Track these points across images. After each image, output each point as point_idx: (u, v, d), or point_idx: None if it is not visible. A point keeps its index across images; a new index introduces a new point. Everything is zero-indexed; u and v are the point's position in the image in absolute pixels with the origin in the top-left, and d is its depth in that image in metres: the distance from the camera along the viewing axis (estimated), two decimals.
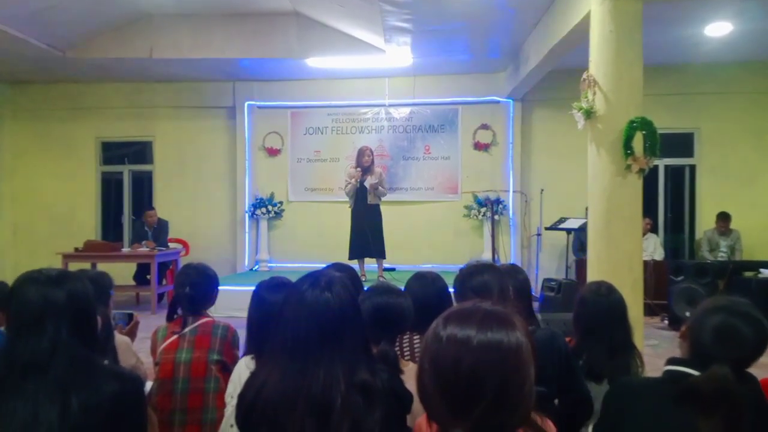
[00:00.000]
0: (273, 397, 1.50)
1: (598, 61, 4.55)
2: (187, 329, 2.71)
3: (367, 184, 7.30)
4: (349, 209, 7.57)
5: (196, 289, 2.77)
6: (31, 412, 1.43)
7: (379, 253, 7.47)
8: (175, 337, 2.70)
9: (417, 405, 1.27)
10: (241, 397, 1.61)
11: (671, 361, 1.76)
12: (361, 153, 7.50)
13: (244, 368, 2.16)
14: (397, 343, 2.22)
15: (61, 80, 9.74)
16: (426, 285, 2.63)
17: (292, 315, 1.55)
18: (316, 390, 1.47)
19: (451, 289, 2.56)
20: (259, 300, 2.22)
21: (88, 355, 1.55)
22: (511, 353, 1.07)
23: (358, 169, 7.36)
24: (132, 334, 3.02)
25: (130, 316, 3.12)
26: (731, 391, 1.50)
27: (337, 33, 8.11)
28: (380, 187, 7.39)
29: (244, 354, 2.29)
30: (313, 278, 1.61)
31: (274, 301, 2.14)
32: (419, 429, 1.57)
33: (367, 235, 7.25)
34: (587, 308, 2.59)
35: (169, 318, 2.82)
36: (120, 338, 2.71)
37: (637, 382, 1.87)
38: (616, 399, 1.76)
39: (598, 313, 2.54)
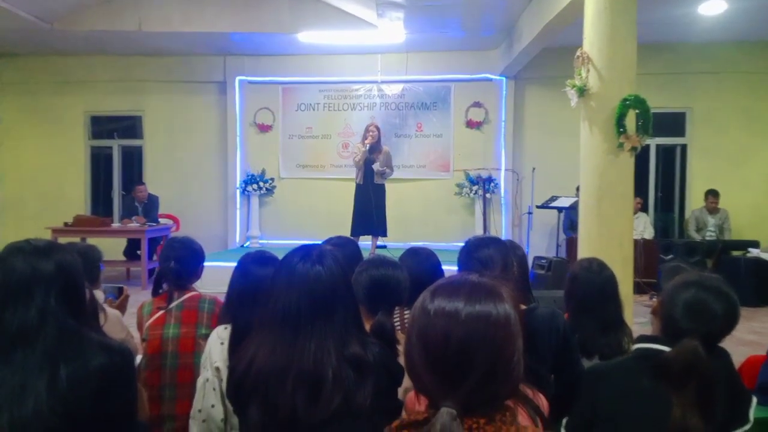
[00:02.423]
0: (263, 369, 1.49)
1: (592, 39, 4.52)
2: (173, 304, 2.67)
3: (375, 168, 7.24)
4: (355, 184, 7.49)
5: (181, 263, 2.71)
6: (19, 382, 1.41)
7: (382, 231, 7.47)
8: (161, 312, 2.66)
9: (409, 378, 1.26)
10: (232, 370, 1.61)
11: (641, 338, 1.78)
12: (365, 130, 7.38)
13: (215, 339, 2.15)
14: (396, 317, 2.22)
15: (49, 53, 9.59)
16: (420, 261, 2.63)
17: (283, 287, 1.54)
18: (306, 363, 1.47)
19: (446, 267, 2.57)
20: (243, 271, 2.20)
21: (77, 326, 1.53)
22: (500, 325, 1.06)
23: (365, 144, 7.27)
24: (122, 307, 3.00)
25: (120, 290, 3.10)
26: (701, 364, 1.54)
27: (329, 7, 8.01)
28: (386, 170, 7.34)
29: (218, 323, 2.28)
30: (304, 251, 1.60)
31: (258, 274, 2.13)
32: (411, 402, 1.57)
33: (369, 213, 7.25)
34: (579, 285, 2.59)
35: (155, 293, 2.77)
36: (110, 311, 2.68)
37: (606, 365, 1.89)
38: (587, 386, 1.77)
39: (590, 289, 2.54)
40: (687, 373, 1.54)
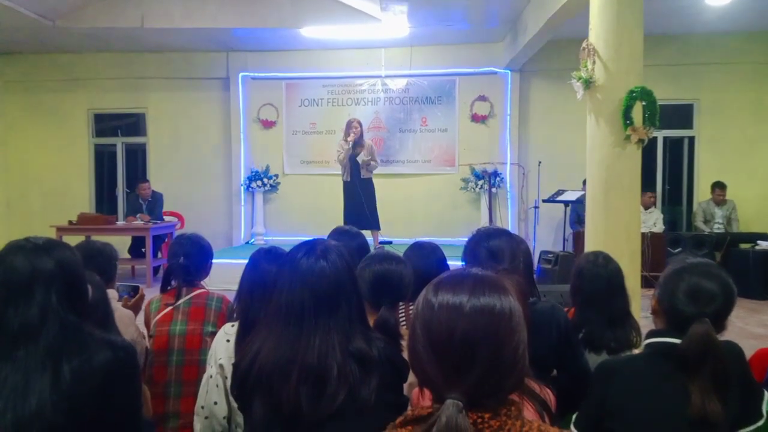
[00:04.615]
0: (268, 365, 1.48)
1: (598, 30, 4.47)
2: (180, 301, 2.68)
3: (359, 159, 7.24)
4: (342, 182, 7.51)
5: (190, 259, 2.73)
6: (22, 380, 1.40)
7: (374, 226, 7.48)
8: (168, 309, 2.67)
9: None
10: (236, 365, 1.60)
11: (651, 333, 1.77)
12: (348, 126, 7.43)
13: (222, 336, 2.14)
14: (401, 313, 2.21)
15: (52, 50, 9.59)
16: (425, 255, 2.62)
17: (287, 282, 1.53)
18: (311, 358, 1.46)
19: (451, 263, 2.54)
20: (254, 266, 2.18)
21: (79, 323, 1.53)
22: (505, 317, 1.06)
23: (348, 141, 7.30)
24: (137, 307, 2.94)
25: (136, 289, 3.03)
26: (715, 344, 1.57)
27: (332, 1, 7.96)
28: (372, 162, 7.34)
29: (228, 320, 2.26)
30: (308, 246, 1.60)
31: (269, 270, 2.08)
32: (416, 397, 1.55)
33: (360, 209, 7.25)
34: (585, 279, 2.56)
35: (163, 289, 2.79)
36: (122, 312, 2.65)
37: (617, 361, 1.89)
38: (598, 382, 1.76)
39: (597, 283, 2.51)
40: (704, 356, 1.56)
